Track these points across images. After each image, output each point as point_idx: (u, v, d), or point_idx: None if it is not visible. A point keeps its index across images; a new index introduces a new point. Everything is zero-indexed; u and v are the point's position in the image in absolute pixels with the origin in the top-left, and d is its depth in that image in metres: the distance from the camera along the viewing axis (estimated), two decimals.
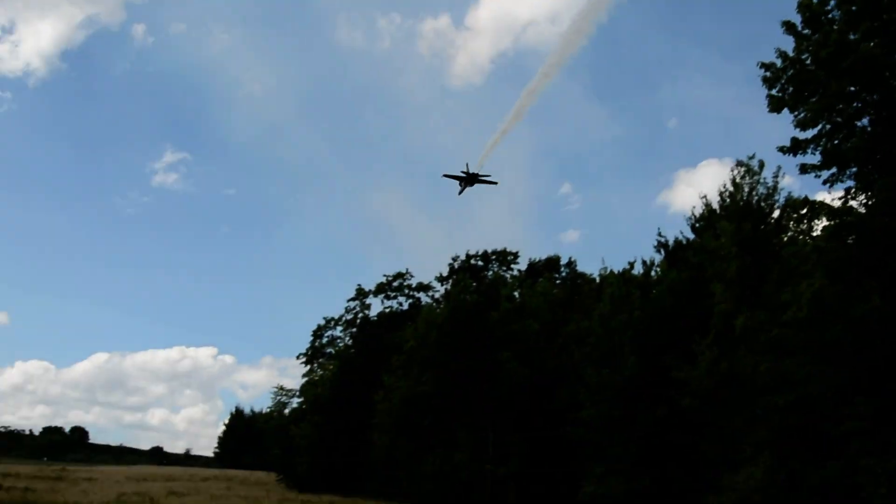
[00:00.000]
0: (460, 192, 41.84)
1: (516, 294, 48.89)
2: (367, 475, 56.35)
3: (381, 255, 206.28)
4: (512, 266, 63.94)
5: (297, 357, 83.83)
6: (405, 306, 75.01)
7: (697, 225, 35.03)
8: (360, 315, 77.87)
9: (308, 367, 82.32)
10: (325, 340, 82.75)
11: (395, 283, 76.19)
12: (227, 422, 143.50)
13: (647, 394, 32.46)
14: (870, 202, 22.89)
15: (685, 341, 30.74)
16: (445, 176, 40.31)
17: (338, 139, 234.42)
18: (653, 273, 36.85)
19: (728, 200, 30.75)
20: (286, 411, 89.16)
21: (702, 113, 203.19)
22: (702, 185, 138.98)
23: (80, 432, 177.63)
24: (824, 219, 24.31)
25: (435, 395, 45.88)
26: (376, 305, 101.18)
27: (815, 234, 26.87)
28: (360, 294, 78.64)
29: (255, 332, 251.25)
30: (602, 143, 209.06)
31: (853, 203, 23.19)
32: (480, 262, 63.25)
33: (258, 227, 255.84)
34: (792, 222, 28.62)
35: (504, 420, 40.43)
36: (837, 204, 23.42)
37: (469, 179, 40.90)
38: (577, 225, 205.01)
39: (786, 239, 28.57)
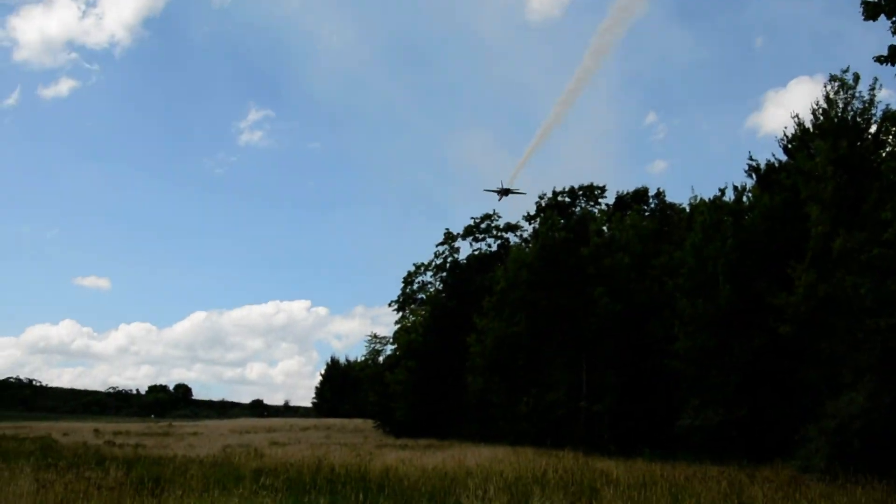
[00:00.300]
0: (499, 200, 68.69)
1: (605, 229, 48.97)
2: (463, 418, 57.74)
3: (468, 199, 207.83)
4: (599, 201, 63.52)
5: (389, 305, 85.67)
6: (494, 248, 75.71)
7: (790, 146, 34.26)
8: (450, 259, 78.90)
9: (400, 313, 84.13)
10: (415, 287, 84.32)
11: (483, 225, 76.83)
12: (323, 372, 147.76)
13: (743, 322, 32.51)
14: None
15: (780, 267, 30.53)
16: (486, 191, 55.69)
17: (419, 85, 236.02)
18: (745, 199, 36.36)
19: (822, 118, 29.92)
20: (380, 359, 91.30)
21: (790, 29, 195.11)
22: (793, 104, 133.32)
23: (183, 389, 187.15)
24: None
25: (527, 335, 46.76)
26: (465, 249, 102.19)
27: None
28: (449, 238, 79.61)
29: (346, 283, 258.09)
30: (687, 68, 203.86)
31: None
32: (568, 199, 63.13)
33: (344, 180, 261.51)
34: (891, 137, 27.73)
35: (597, 356, 40.97)
36: None
37: (504, 192, 66.05)
38: (664, 155, 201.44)
39: (884, 155, 27.74)
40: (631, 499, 14.09)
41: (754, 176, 37.17)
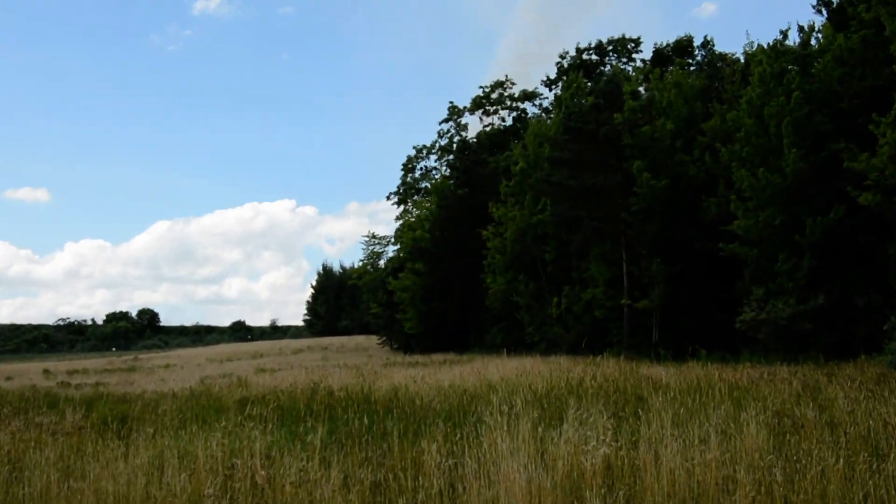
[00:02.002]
0: None
1: (642, 90, 48.43)
2: (483, 327, 58.52)
3: (475, 65, 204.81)
4: (634, 56, 63.02)
5: (388, 198, 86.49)
6: (509, 121, 75.68)
7: None
8: (457, 139, 78.97)
9: (401, 207, 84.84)
10: (417, 174, 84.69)
11: (494, 95, 76.58)
12: (314, 284, 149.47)
13: (816, 193, 32.40)
14: None
15: (860, 123, 30.21)
16: None
17: None
18: (813, 41, 35.66)
19: None
20: (381, 263, 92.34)
21: None
22: None
23: (149, 315, 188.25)
24: None
25: (554, 223, 46.84)
26: (474, 125, 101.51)
27: None
28: (454, 113, 79.43)
29: (335, 176, 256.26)
30: None
31: None
32: (595, 56, 62.52)
33: (325, 50, 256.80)
34: None
35: (640, 244, 41.02)
36: None
37: None
38: None
39: None
40: (684, 405, 14.29)
41: (825, 11, 36.26)
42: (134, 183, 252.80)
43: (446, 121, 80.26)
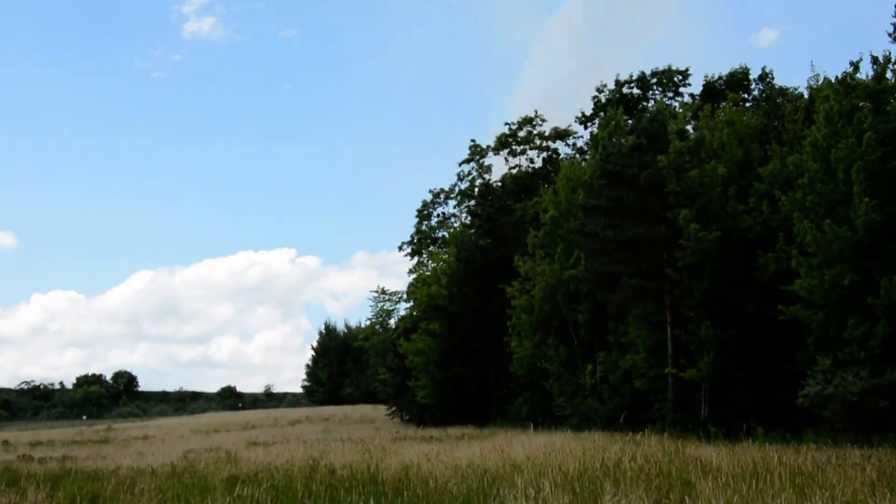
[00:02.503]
0: None
1: (690, 129, 48.49)
2: (506, 396, 58.24)
3: (501, 98, 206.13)
4: (681, 90, 63.35)
5: (400, 248, 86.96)
6: (538, 163, 75.95)
7: None
8: (479, 182, 79.29)
9: (415, 259, 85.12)
10: (434, 222, 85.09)
11: (522, 133, 76.83)
12: (315, 345, 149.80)
13: (892, 248, 32.23)
14: None
15: None
16: None
17: None
18: (889, 74, 35.67)
19: None
20: (392, 322, 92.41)
21: None
22: None
23: (125, 379, 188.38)
24: None
25: (589, 279, 46.71)
26: (499, 166, 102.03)
27: None
28: (476, 152, 79.96)
29: (341, 223, 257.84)
30: None
31: None
32: (636, 90, 62.87)
33: (331, 79, 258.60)
34: None
35: (687, 305, 40.84)
36: None
37: None
38: (773, 20, 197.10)
39: None
40: (738, 493, 14.14)
41: None
42: (112, 227, 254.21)
43: (467, 161, 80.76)
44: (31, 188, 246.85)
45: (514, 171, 75.68)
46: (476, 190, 78.47)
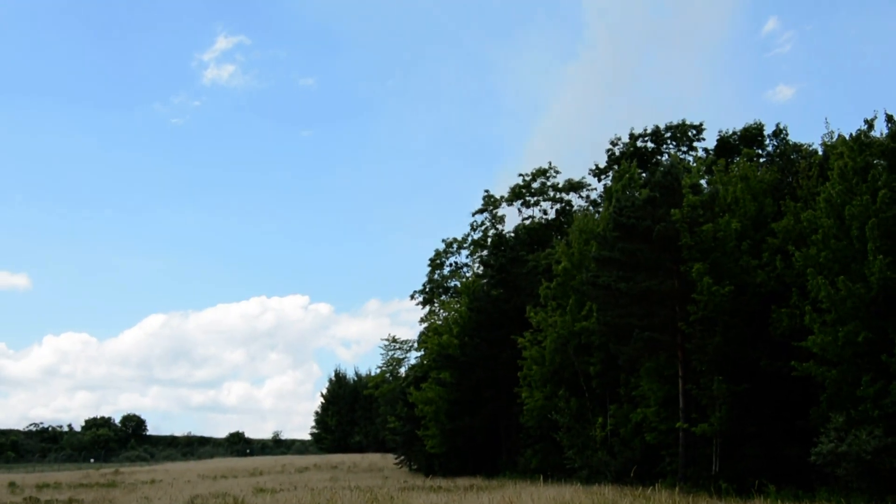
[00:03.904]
0: None
1: (704, 183, 48.37)
2: (516, 447, 57.91)
3: (514, 150, 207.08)
4: (695, 145, 63.52)
5: (412, 296, 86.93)
6: (551, 214, 76.07)
7: None
8: (492, 232, 79.42)
9: (427, 308, 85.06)
10: (446, 271, 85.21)
11: (536, 185, 77.06)
12: (325, 392, 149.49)
13: None
14: None
15: None
16: None
17: None
18: None
19: None
20: (402, 371, 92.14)
21: None
22: None
23: (134, 422, 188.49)
24: None
25: (601, 332, 46.47)
26: (512, 217, 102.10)
27: None
28: (490, 203, 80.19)
29: (354, 271, 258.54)
30: None
31: None
32: (651, 144, 63.06)
33: (349, 127, 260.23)
34: None
35: (699, 359, 40.55)
36: None
37: None
38: (788, 76, 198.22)
39: None
40: None
41: None
42: (126, 270, 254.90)
43: (480, 211, 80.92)
44: (45, 231, 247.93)
45: (527, 222, 75.81)
46: (489, 240, 78.67)
